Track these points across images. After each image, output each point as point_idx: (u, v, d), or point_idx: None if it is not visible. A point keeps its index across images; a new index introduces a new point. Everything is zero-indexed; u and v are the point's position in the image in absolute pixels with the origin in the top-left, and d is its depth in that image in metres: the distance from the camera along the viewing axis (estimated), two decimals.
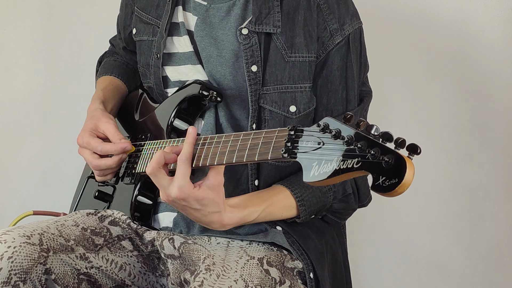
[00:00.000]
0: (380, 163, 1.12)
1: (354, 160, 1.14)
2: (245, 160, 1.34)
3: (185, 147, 1.41)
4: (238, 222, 1.46)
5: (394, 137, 1.13)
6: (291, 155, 1.23)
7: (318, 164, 1.18)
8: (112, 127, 1.62)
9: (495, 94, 2.13)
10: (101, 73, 1.86)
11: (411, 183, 1.11)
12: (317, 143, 1.20)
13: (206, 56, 1.61)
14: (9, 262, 1.39)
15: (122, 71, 1.85)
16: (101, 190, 1.70)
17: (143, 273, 1.57)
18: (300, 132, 1.24)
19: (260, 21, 1.55)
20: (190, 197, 1.37)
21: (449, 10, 2.14)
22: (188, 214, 1.43)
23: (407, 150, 1.12)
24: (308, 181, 1.19)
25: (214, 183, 1.39)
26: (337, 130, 1.17)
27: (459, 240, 2.20)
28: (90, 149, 1.62)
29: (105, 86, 1.79)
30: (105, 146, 1.60)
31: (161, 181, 1.40)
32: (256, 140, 1.33)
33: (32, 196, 2.46)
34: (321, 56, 1.58)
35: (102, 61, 1.92)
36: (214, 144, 1.40)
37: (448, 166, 2.19)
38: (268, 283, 1.44)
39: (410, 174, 1.11)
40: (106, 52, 1.95)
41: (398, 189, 1.11)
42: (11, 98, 2.46)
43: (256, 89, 1.55)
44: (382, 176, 1.11)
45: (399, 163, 1.11)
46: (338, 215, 1.63)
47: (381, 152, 1.12)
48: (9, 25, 2.43)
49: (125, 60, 1.89)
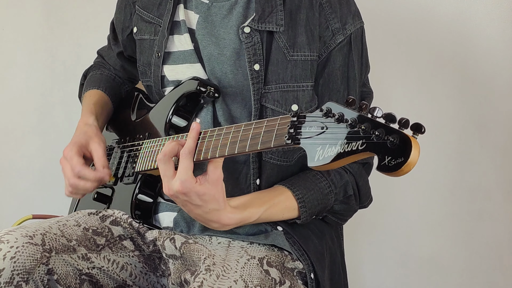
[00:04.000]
0: (385, 143, 1.12)
1: (359, 142, 1.15)
2: (247, 150, 1.34)
3: (188, 142, 1.41)
4: (238, 223, 1.46)
5: (398, 118, 1.13)
6: (294, 141, 1.24)
7: (322, 149, 1.18)
8: (101, 151, 1.62)
9: (495, 94, 2.13)
10: (88, 86, 1.85)
11: (417, 161, 1.11)
12: (320, 128, 1.20)
13: (207, 55, 1.60)
14: (12, 262, 1.38)
15: (109, 85, 1.85)
16: (100, 192, 1.70)
17: (144, 273, 1.57)
18: (302, 118, 1.24)
19: (263, 19, 1.55)
20: (191, 192, 1.37)
21: (449, 10, 2.14)
22: (189, 211, 1.42)
23: (411, 130, 1.13)
24: (313, 165, 1.19)
25: (214, 178, 1.38)
26: (340, 114, 1.17)
27: (459, 240, 2.20)
28: (71, 165, 1.61)
29: (96, 101, 1.79)
30: (83, 170, 1.60)
31: (167, 171, 1.39)
32: (258, 129, 1.33)
33: (30, 197, 2.46)
34: (323, 55, 1.58)
35: (87, 75, 1.91)
36: (214, 137, 1.40)
37: (448, 166, 2.20)
38: (268, 284, 1.44)
39: (416, 152, 1.11)
40: (92, 66, 1.94)
41: (404, 168, 1.11)
42: (9, 98, 2.46)
43: (258, 88, 1.55)
44: (388, 156, 1.12)
45: (404, 143, 1.11)
46: (339, 216, 1.63)
47: (385, 133, 1.13)
48: (8, 25, 2.43)
49: (112, 73, 1.89)
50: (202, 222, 1.45)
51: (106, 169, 1.61)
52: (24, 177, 2.47)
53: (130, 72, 1.88)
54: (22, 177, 2.47)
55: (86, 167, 1.61)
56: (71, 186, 1.62)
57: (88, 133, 1.66)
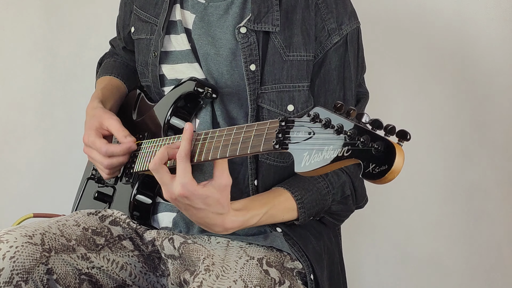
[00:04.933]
0: (370, 150, 1.12)
1: (345, 149, 1.14)
2: (238, 154, 1.34)
3: (183, 144, 1.40)
4: (241, 226, 1.45)
5: (384, 124, 1.13)
6: (282, 146, 1.23)
7: (308, 154, 1.18)
8: (116, 123, 1.62)
9: (495, 94, 2.13)
10: (101, 74, 1.86)
11: (401, 169, 1.11)
12: (307, 133, 1.20)
13: (204, 55, 1.61)
14: (11, 262, 1.38)
15: (121, 71, 1.85)
16: (101, 191, 1.70)
17: (143, 273, 1.57)
18: (291, 123, 1.23)
19: (259, 19, 1.55)
20: (193, 195, 1.36)
21: (449, 10, 2.14)
22: (191, 215, 1.41)
23: (397, 137, 1.12)
24: (300, 171, 1.19)
25: (220, 183, 1.37)
26: (327, 119, 1.17)
27: (459, 240, 2.20)
28: (95, 149, 1.61)
29: (105, 86, 1.79)
30: (110, 148, 1.60)
31: (163, 178, 1.39)
32: (249, 133, 1.33)
33: (31, 197, 2.46)
34: (319, 55, 1.58)
35: (102, 63, 1.92)
36: (208, 140, 1.40)
37: (447, 166, 2.19)
38: (267, 284, 1.44)
39: (400, 160, 1.11)
40: (106, 54, 1.95)
41: (388, 176, 1.11)
42: (10, 98, 2.45)
43: (254, 88, 1.55)
44: (372, 163, 1.11)
45: (388, 150, 1.11)
46: (336, 217, 1.62)
47: (370, 139, 1.12)
48: (8, 25, 2.43)
49: (125, 60, 1.89)
50: (204, 227, 1.43)
51: (129, 137, 1.60)
52: (24, 177, 2.47)
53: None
54: (22, 177, 2.47)
55: (111, 145, 1.61)
56: (107, 167, 1.61)
57: (96, 114, 1.66)
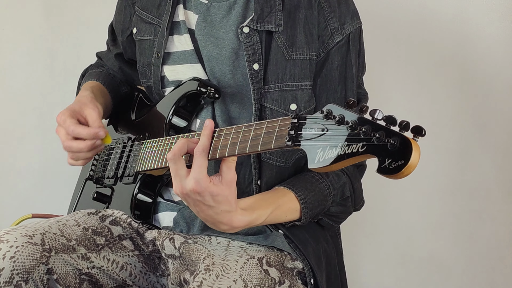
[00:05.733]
0: (385, 146, 1.12)
1: (359, 144, 1.14)
2: (248, 151, 1.33)
3: (202, 139, 1.38)
4: (247, 225, 1.43)
5: (398, 120, 1.13)
6: (295, 142, 1.23)
7: (322, 150, 1.18)
8: (95, 114, 1.61)
9: (495, 94, 2.13)
10: (87, 79, 1.84)
11: (417, 164, 1.11)
12: (320, 130, 1.20)
13: (207, 55, 1.61)
14: (11, 262, 1.39)
15: (107, 80, 1.83)
16: (100, 191, 1.70)
17: (144, 273, 1.57)
18: (303, 120, 1.24)
19: (262, 19, 1.55)
20: (206, 192, 1.34)
21: (449, 10, 2.14)
22: (199, 212, 1.38)
23: (411, 132, 1.13)
24: (313, 167, 1.19)
25: (228, 179, 1.35)
26: (340, 116, 1.17)
27: (459, 240, 2.20)
28: (64, 128, 1.59)
29: (93, 86, 1.78)
30: (77, 128, 1.58)
31: (179, 171, 1.35)
32: (259, 130, 1.33)
33: (30, 197, 2.46)
34: (321, 55, 1.58)
35: (85, 74, 1.90)
36: (215, 138, 1.40)
37: (448, 166, 2.19)
38: (267, 283, 1.44)
39: (416, 155, 1.11)
40: (91, 65, 1.93)
41: (404, 171, 1.11)
42: (9, 98, 2.45)
43: (258, 88, 1.55)
44: (388, 159, 1.12)
45: (404, 145, 1.11)
46: (334, 219, 1.62)
47: (386, 135, 1.12)
48: (8, 25, 2.43)
49: (111, 72, 1.87)
50: (211, 224, 1.41)
51: (102, 128, 1.58)
52: (24, 177, 2.47)
53: (128, 75, 1.87)
54: (22, 177, 2.47)
55: (79, 126, 1.59)
56: (66, 149, 1.60)
57: (82, 100, 1.65)
